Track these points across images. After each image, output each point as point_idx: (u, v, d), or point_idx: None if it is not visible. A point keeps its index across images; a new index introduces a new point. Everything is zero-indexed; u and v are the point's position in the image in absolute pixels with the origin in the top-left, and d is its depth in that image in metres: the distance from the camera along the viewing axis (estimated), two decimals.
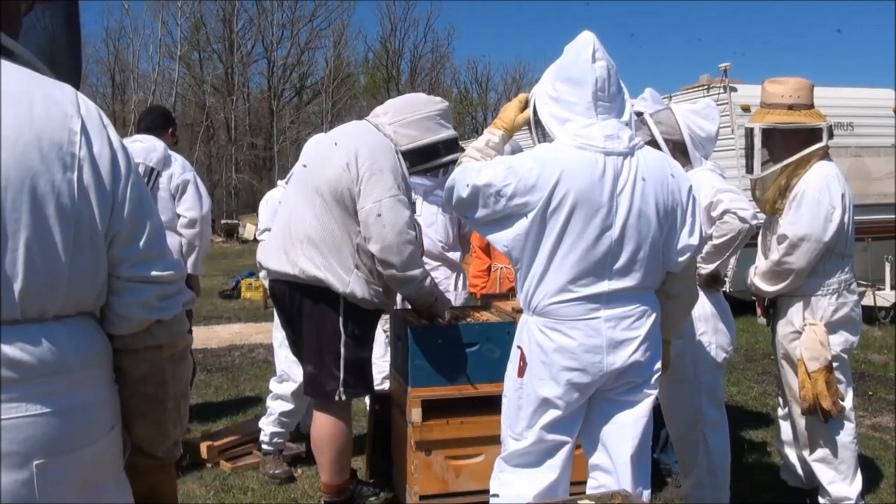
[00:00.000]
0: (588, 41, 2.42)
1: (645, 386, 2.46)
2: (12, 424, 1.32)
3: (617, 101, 2.43)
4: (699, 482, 3.24)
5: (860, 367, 6.46)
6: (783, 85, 3.32)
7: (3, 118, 1.31)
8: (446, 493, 3.27)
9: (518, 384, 2.46)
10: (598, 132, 2.35)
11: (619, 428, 2.45)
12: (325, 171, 3.14)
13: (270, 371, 5.58)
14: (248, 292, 11.78)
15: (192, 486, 3.97)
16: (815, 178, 3.22)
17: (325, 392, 3.21)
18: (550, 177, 2.30)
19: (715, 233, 3.11)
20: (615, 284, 2.36)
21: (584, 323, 2.35)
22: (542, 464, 2.44)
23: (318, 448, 3.30)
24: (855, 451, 3.35)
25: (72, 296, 1.39)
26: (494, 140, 2.58)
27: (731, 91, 8.77)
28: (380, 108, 3.41)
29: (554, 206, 2.31)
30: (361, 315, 3.19)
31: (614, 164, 2.34)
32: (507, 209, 2.35)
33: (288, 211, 3.26)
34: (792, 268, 3.22)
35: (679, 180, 2.48)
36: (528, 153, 2.43)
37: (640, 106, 4.08)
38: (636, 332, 2.39)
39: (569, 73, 2.42)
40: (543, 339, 2.39)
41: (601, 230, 2.32)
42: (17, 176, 1.31)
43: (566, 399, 2.39)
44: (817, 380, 3.17)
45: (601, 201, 2.32)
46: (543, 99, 2.47)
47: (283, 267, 3.18)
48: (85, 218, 1.38)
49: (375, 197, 3.04)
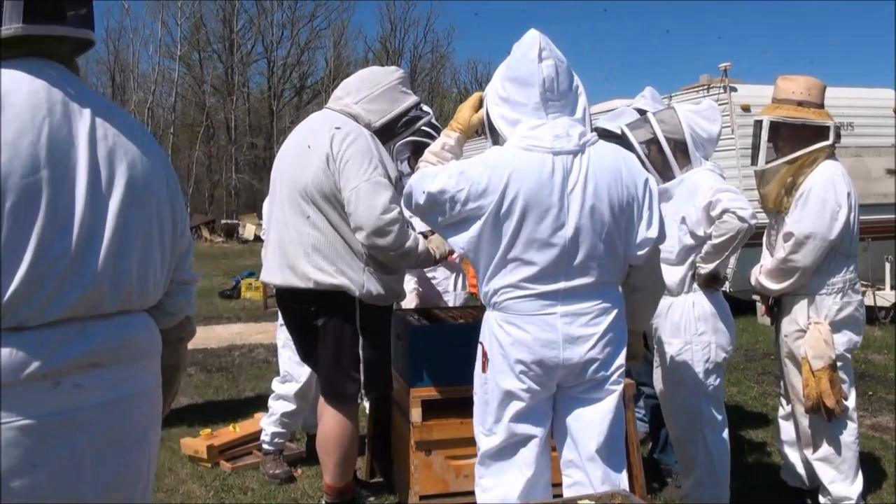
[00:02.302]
0: (534, 40, 2.40)
1: (607, 382, 2.44)
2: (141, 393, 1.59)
3: (569, 99, 2.42)
4: (699, 482, 3.24)
5: (860, 367, 6.45)
6: (795, 82, 3.35)
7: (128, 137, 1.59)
8: (446, 493, 3.27)
9: (483, 380, 2.47)
10: (546, 132, 2.34)
11: (584, 425, 2.45)
12: (308, 175, 3.07)
13: (270, 371, 5.59)
14: (248, 292, 11.78)
15: (192, 486, 3.97)
16: (822, 177, 3.23)
17: (346, 396, 3.19)
18: (500, 180, 2.30)
19: (714, 232, 3.11)
20: (572, 282, 2.35)
21: (539, 318, 2.35)
22: (517, 462, 2.43)
23: (325, 448, 3.28)
24: (856, 451, 3.35)
25: (157, 294, 1.65)
26: (450, 143, 2.57)
27: (731, 91, 8.77)
28: (339, 91, 3.31)
29: (505, 209, 2.31)
30: (377, 315, 3.17)
31: (563, 164, 2.33)
32: (462, 214, 2.35)
33: (281, 223, 3.18)
34: (797, 266, 3.22)
35: (634, 174, 2.45)
36: (480, 157, 2.42)
37: (640, 104, 4.09)
38: (594, 329, 2.37)
39: (516, 73, 2.41)
40: (501, 333, 2.39)
41: (553, 230, 2.32)
42: (141, 191, 1.57)
43: (528, 390, 2.39)
44: (821, 378, 3.18)
45: (551, 201, 2.31)
46: (494, 100, 2.47)
47: (293, 281, 3.12)
48: (171, 228, 1.66)
49: (352, 185, 2.99)
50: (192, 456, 4.28)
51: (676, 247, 3.20)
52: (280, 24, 36.56)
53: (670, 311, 3.23)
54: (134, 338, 1.58)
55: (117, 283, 1.52)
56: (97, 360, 1.49)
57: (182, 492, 3.91)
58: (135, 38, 34.08)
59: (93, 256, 1.48)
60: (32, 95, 1.44)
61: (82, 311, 1.47)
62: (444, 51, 43.08)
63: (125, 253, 1.53)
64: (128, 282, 1.55)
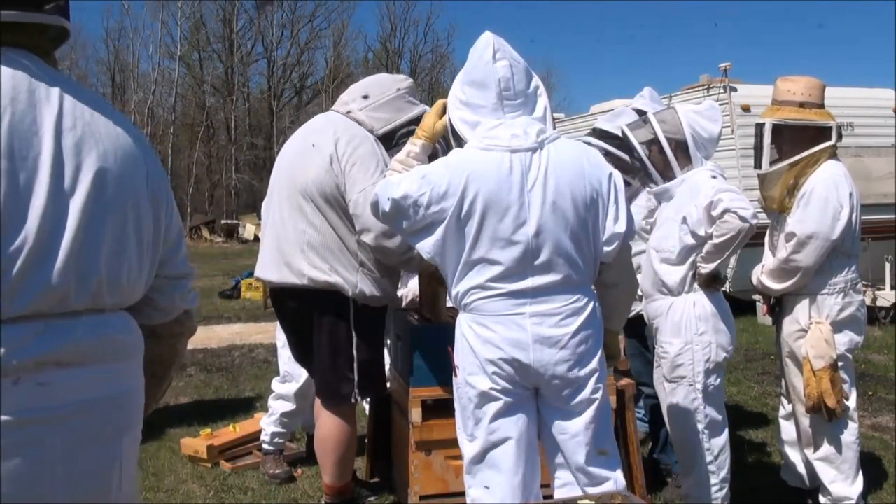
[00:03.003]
0: (488, 42, 2.41)
1: (585, 388, 2.40)
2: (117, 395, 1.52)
3: (528, 98, 2.43)
4: (699, 482, 3.24)
5: (860, 367, 6.45)
6: (795, 83, 3.35)
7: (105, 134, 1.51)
8: (446, 493, 3.26)
9: (456, 384, 2.48)
10: (504, 132, 2.35)
11: (570, 437, 2.43)
12: (310, 174, 3.08)
13: (270, 371, 5.59)
14: (248, 292, 11.78)
15: (192, 486, 3.97)
16: (824, 177, 3.23)
17: (340, 396, 3.19)
18: (459, 182, 2.31)
19: (715, 232, 3.11)
20: (539, 280, 2.34)
21: (508, 318, 2.35)
22: (503, 468, 2.41)
23: (323, 449, 3.28)
24: (857, 451, 3.35)
25: (134, 292, 1.57)
26: (415, 150, 2.58)
27: (731, 91, 8.77)
28: (345, 96, 3.33)
29: (466, 210, 2.31)
30: (371, 316, 3.17)
31: (521, 161, 2.33)
32: (427, 218, 2.35)
33: (278, 222, 3.19)
34: (799, 266, 3.22)
35: (598, 169, 2.44)
36: (441, 160, 2.43)
37: (639, 105, 4.09)
38: (565, 330, 2.36)
39: (473, 76, 2.42)
40: (470, 334, 2.40)
41: (515, 227, 2.31)
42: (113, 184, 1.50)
43: (501, 390, 2.38)
44: (822, 378, 3.18)
45: (511, 199, 2.31)
46: (455, 104, 2.48)
47: (288, 278, 3.13)
48: (151, 223, 1.58)
49: (360, 187, 3.00)
50: (192, 456, 4.28)
51: (677, 247, 3.20)
52: (280, 24, 36.60)
53: (671, 310, 3.23)
54: (109, 337, 1.51)
55: (83, 281, 1.45)
56: (64, 359, 1.43)
57: (182, 492, 3.91)
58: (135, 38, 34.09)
59: (54, 252, 1.41)
60: (30, 89, 1.40)
61: (45, 308, 1.41)
62: (444, 51, 43.05)
63: (91, 248, 1.47)
64: (95, 279, 1.48)
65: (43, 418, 1.40)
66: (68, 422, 1.43)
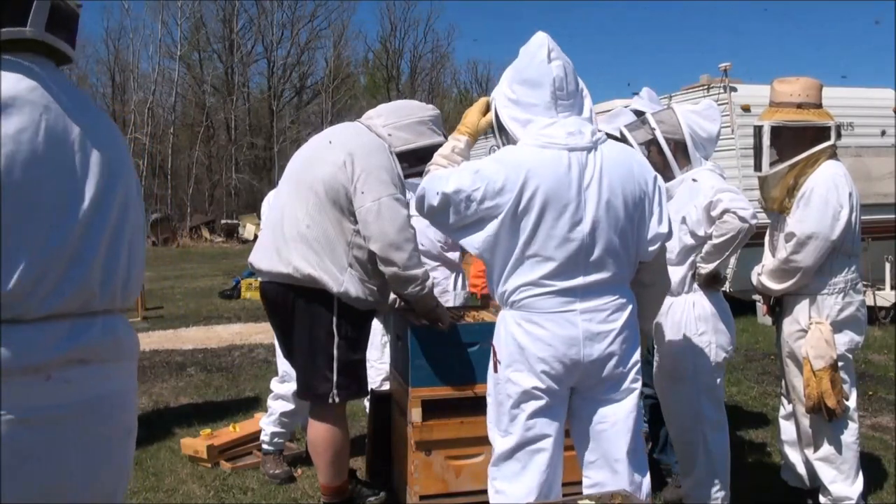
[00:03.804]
0: (542, 42, 2.43)
1: (626, 380, 2.45)
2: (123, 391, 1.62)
3: (577, 99, 2.46)
4: (699, 482, 3.24)
5: (860, 367, 6.44)
6: (792, 84, 3.34)
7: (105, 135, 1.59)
8: (446, 493, 3.27)
9: (496, 380, 2.47)
10: (559, 130, 2.37)
11: (610, 426, 2.45)
12: (320, 169, 3.13)
13: (270, 371, 5.59)
14: (248, 292, 11.77)
15: (192, 486, 3.97)
16: (824, 177, 3.23)
17: (318, 395, 3.20)
18: (517, 178, 2.32)
19: (715, 232, 3.11)
20: (590, 278, 2.37)
21: (560, 315, 2.36)
22: (532, 465, 2.43)
23: (315, 451, 3.31)
24: (857, 451, 3.35)
25: (136, 294, 1.67)
26: (460, 146, 2.59)
27: (731, 91, 8.76)
28: (372, 112, 3.44)
29: (523, 206, 2.32)
30: (355, 316, 3.19)
31: (579, 160, 2.36)
32: (478, 213, 2.36)
33: (280, 210, 3.25)
34: (799, 266, 3.23)
35: (644, 171, 2.50)
36: (494, 156, 2.44)
37: (638, 105, 4.09)
38: (612, 325, 2.40)
39: (525, 75, 2.44)
40: (519, 332, 2.40)
41: (572, 225, 2.33)
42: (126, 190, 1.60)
43: (546, 388, 2.39)
44: (822, 378, 3.18)
45: (569, 196, 2.33)
46: (503, 102, 2.49)
47: (276, 266, 3.17)
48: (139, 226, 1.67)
49: (375, 195, 3.04)
50: (192, 456, 4.28)
51: (677, 247, 3.20)
52: (280, 24, 36.56)
53: (670, 310, 3.23)
54: (118, 337, 1.59)
55: (106, 282, 1.54)
56: (85, 357, 1.51)
57: (182, 492, 3.91)
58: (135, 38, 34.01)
59: (88, 253, 1.50)
60: (32, 92, 1.46)
61: (73, 307, 1.48)
62: (444, 51, 43.05)
63: (116, 252, 1.56)
64: (116, 282, 1.56)
65: (67, 414, 1.47)
66: (84, 418, 1.51)
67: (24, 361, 1.41)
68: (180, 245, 25.16)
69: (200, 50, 35.65)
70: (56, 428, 1.46)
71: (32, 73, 1.48)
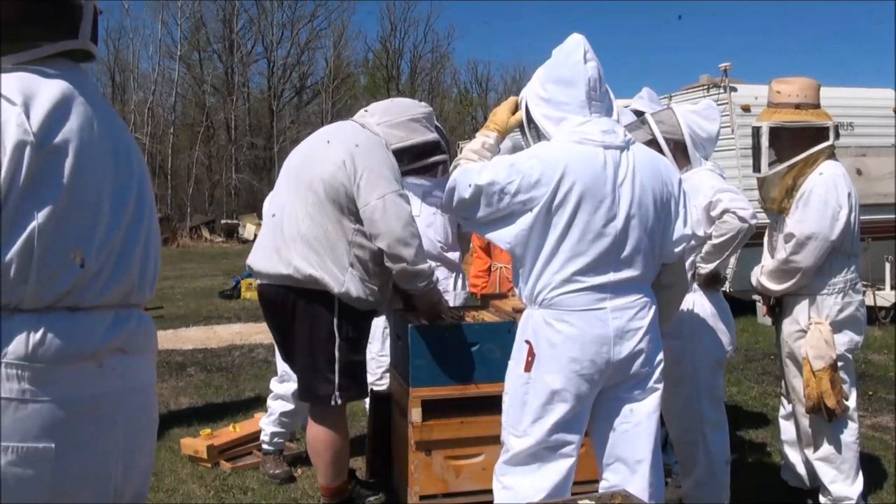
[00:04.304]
0: (578, 43, 2.47)
1: (650, 379, 2.48)
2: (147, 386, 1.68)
3: (605, 101, 2.50)
4: (699, 482, 3.24)
5: (860, 367, 6.44)
6: (790, 85, 3.34)
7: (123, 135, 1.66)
8: (446, 493, 3.27)
9: (524, 379, 2.44)
10: (594, 128, 2.41)
11: (633, 426, 2.46)
12: (319, 168, 3.12)
13: (270, 371, 5.58)
14: (248, 292, 11.75)
15: (192, 486, 3.97)
16: (822, 178, 3.24)
17: (319, 396, 3.19)
18: (554, 172, 2.34)
19: (714, 232, 3.11)
20: (620, 275, 2.40)
21: (591, 314, 2.37)
22: (547, 464, 2.42)
23: (314, 452, 3.30)
24: (857, 451, 3.35)
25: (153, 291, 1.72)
26: (490, 142, 2.60)
27: (731, 91, 8.77)
28: (364, 111, 3.44)
29: (560, 200, 2.34)
30: (356, 317, 3.18)
31: (613, 157, 2.40)
32: (511, 206, 2.37)
33: (279, 211, 3.23)
34: (799, 266, 3.23)
35: (670, 172, 2.56)
36: (529, 151, 2.47)
37: (637, 105, 4.09)
38: (640, 323, 2.42)
39: (560, 75, 2.47)
40: (550, 331, 2.39)
41: (606, 220, 2.36)
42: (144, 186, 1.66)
43: (575, 391, 2.38)
44: (822, 379, 3.18)
45: (605, 192, 2.36)
46: (535, 101, 2.52)
47: (276, 267, 3.14)
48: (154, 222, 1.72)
49: (379, 193, 3.04)
50: (192, 456, 4.28)
51: None
52: (280, 24, 36.53)
53: None
54: (149, 330, 1.68)
55: (143, 276, 1.63)
56: (125, 347, 1.58)
57: (182, 492, 3.91)
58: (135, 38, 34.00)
59: (132, 247, 1.59)
60: (84, 96, 1.54)
61: (117, 299, 1.57)
62: (444, 51, 42.97)
63: (149, 247, 1.65)
64: (150, 275, 1.66)
65: (112, 402, 1.55)
66: (126, 405, 1.58)
67: (83, 349, 1.49)
68: (180, 245, 25.14)
69: (200, 50, 35.64)
70: (102, 415, 1.53)
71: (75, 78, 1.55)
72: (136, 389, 1.61)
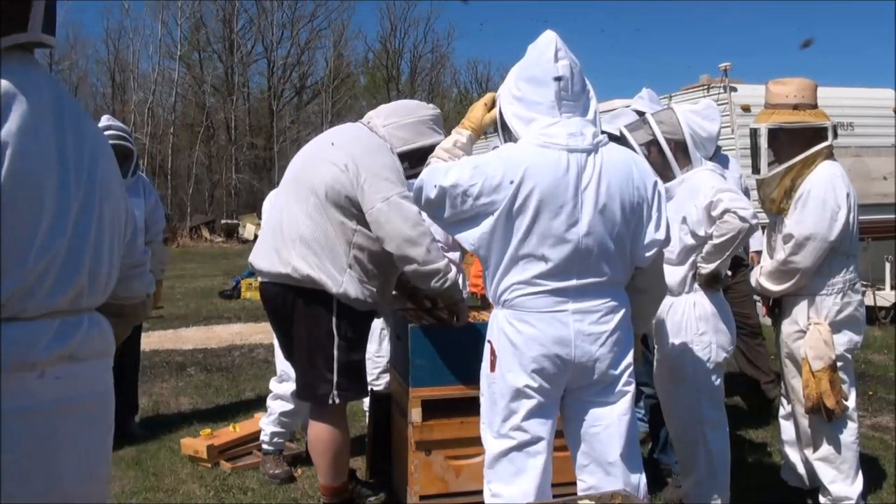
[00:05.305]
0: (550, 40, 2.43)
1: (619, 383, 2.45)
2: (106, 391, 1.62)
3: (581, 100, 2.45)
4: (699, 482, 3.24)
5: (860, 367, 6.44)
6: (788, 85, 3.34)
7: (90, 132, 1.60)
8: (446, 493, 3.27)
9: (491, 379, 2.46)
10: (561, 130, 2.37)
11: (603, 429, 2.45)
12: (321, 170, 3.13)
13: (270, 371, 5.58)
14: (248, 292, 11.77)
15: (192, 486, 3.97)
16: (821, 178, 3.23)
17: (317, 395, 3.19)
18: (514, 176, 2.31)
19: (715, 232, 3.11)
20: (584, 280, 2.37)
21: (551, 315, 2.36)
22: (527, 468, 2.42)
23: (315, 451, 3.31)
24: (857, 451, 3.35)
25: (109, 292, 1.65)
26: (462, 140, 2.58)
27: (731, 91, 8.77)
28: (372, 112, 3.44)
29: (519, 204, 2.32)
30: (355, 317, 3.18)
31: (578, 161, 2.35)
32: (474, 209, 2.35)
33: (279, 211, 3.24)
34: (798, 267, 3.22)
35: (644, 176, 2.48)
36: (494, 153, 2.44)
37: (638, 105, 4.09)
38: (604, 327, 2.39)
39: (531, 73, 2.43)
40: (511, 331, 2.39)
41: (567, 226, 2.33)
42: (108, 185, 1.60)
43: (538, 387, 2.38)
44: (821, 379, 3.18)
45: (566, 197, 2.33)
46: (507, 99, 2.49)
47: (275, 266, 3.16)
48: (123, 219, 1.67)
49: (384, 195, 3.04)
50: (192, 456, 4.28)
51: (677, 247, 3.19)
52: (280, 24, 36.55)
53: (671, 310, 3.23)
54: (103, 334, 1.61)
55: (94, 280, 1.56)
56: (75, 354, 1.52)
57: (182, 492, 3.91)
58: (135, 38, 34.01)
59: (82, 251, 1.52)
60: (32, 93, 1.47)
61: (65, 305, 1.50)
62: (444, 51, 43.00)
63: (100, 249, 1.57)
64: (102, 278, 1.58)
65: (58, 410, 1.49)
66: (75, 414, 1.52)
67: (20, 358, 1.42)
68: (180, 245, 25.14)
69: (200, 50, 35.66)
70: (52, 425, 1.47)
71: (28, 73, 1.49)
72: (90, 397, 1.56)
